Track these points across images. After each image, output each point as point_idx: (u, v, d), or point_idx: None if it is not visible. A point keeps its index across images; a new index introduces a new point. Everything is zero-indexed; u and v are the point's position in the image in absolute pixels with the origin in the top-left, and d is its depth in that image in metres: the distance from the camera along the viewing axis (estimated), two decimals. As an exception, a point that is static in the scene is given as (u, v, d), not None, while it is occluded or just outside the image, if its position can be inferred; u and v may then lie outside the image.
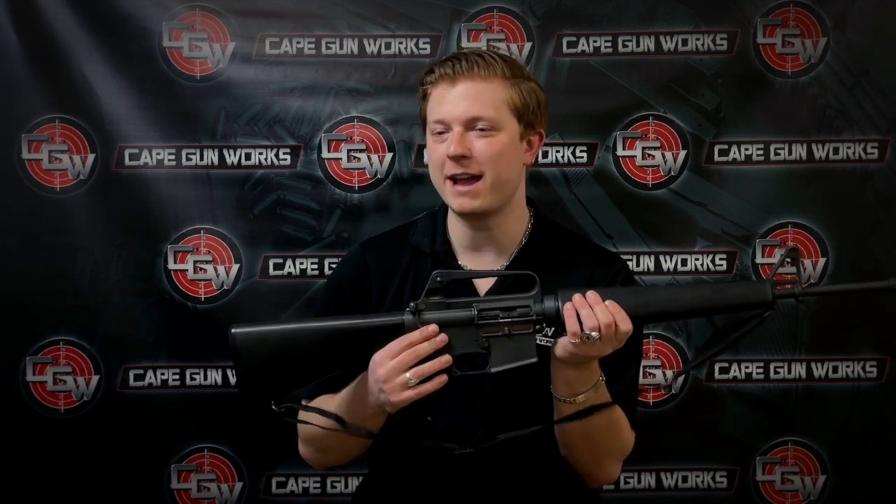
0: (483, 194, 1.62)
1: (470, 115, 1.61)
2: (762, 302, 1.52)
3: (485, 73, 1.62)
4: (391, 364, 1.49)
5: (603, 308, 1.48)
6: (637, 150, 2.51)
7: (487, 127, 1.62)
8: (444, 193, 1.67)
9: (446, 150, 1.61)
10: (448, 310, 1.53)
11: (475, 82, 1.62)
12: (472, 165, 1.61)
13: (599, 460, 1.65)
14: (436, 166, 1.65)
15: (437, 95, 1.65)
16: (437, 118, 1.64)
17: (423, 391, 1.49)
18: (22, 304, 2.49)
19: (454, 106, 1.62)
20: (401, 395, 1.49)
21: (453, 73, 1.63)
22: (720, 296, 1.54)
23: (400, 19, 2.50)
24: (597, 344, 1.47)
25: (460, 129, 1.61)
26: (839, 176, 2.51)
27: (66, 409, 2.51)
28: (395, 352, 1.49)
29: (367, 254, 1.76)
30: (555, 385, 1.56)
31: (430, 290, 1.53)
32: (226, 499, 2.54)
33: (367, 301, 1.71)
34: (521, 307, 1.52)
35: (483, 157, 1.61)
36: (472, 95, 1.62)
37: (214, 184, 2.50)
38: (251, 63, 2.50)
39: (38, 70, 2.46)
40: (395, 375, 1.48)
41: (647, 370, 2.52)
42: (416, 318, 1.52)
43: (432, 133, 1.66)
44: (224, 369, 2.51)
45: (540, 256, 1.69)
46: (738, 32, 2.50)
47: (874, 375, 2.52)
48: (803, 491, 2.54)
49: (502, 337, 1.52)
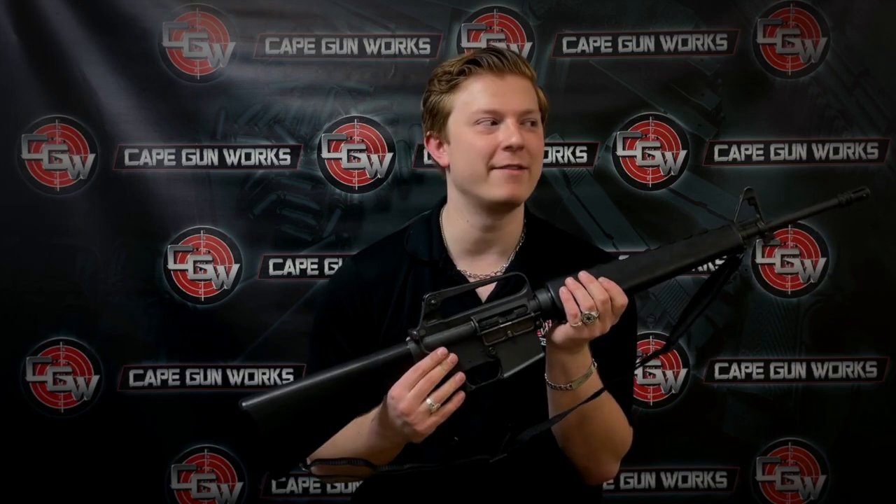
0: (527, 184, 1.64)
1: (524, 108, 1.63)
2: (735, 246, 1.58)
3: (526, 70, 1.66)
4: (410, 395, 1.49)
5: (597, 285, 1.50)
6: (637, 150, 2.51)
7: (535, 121, 1.65)
8: (484, 183, 1.63)
9: (506, 139, 1.61)
10: (449, 329, 1.53)
11: (521, 78, 1.65)
12: (525, 157, 1.63)
13: (595, 454, 1.65)
14: (479, 155, 1.62)
15: (481, 86, 1.63)
16: (490, 108, 1.62)
17: (446, 413, 1.50)
18: (22, 304, 2.49)
19: (509, 98, 1.62)
20: (426, 423, 1.50)
21: (501, 65, 1.63)
22: (696, 249, 1.57)
23: (400, 19, 2.50)
24: (596, 322, 1.49)
25: (514, 119, 1.62)
26: (839, 176, 2.51)
27: (66, 409, 2.51)
28: (411, 382, 1.50)
29: (361, 268, 1.74)
30: (551, 373, 1.57)
31: (426, 315, 1.53)
32: (226, 499, 2.54)
33: (368, 317, 1.70)
34: (518, 308, 1.53)
35: (533, 150, 1.64)
36: (522, 90, 1.64)
37: (214, 184, 2.50)
38: (251, 63, 2.50)
39: (38, 70, 2.47)
40: (417, 405, 1.49)
41: (648, 370, 2.52)
42: (420, 346, 1.52)
43: (475, 123, 1.63)
44: (224, 369, 2.51)
45: (538, 256, 1.69)
46: (738, 32, 2.50)
47: (874, 375, 2.52)
48: (803, 491, 2.54)
49: (506, 341, 1.53)
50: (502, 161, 1.61)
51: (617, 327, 1.56)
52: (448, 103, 1.66)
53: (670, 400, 2.54)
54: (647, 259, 1.57)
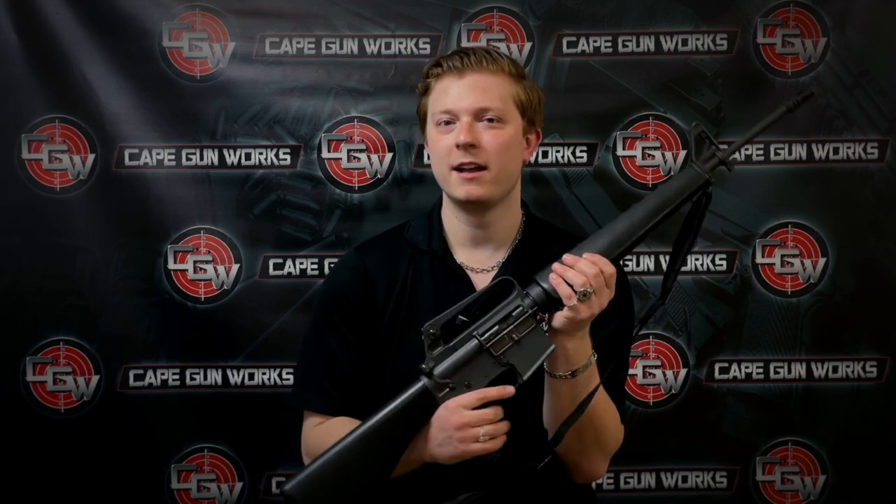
0: (487, 183, 1.64)
1: (479, 106, 1.63)
2: (703, 182, 1.59)
3: (493, 67, 1.65)
4: (470, 415, 1.51)
5: (584, 262, 1.52)
6: (637, 150, 2.51)
7: (495, 118, 1.64)
8: (447, 184, 1.67)
9: (455, 139, 1.62)
10: (456, 352, 1.55)
11: (483, 75, 1.64)
12: (480, 155, 1.63)
13: (587, 450, 1.65)
14: (441, 156, 1.66)
15: (442, 87, 1.66)
16: (445, 108, 1.65)
17: (488, 449, 1.52)
18: (22, 304, 2.49)
19: (463, 97, 1.64)
20: (470, 447, 1.51)
21: (462, 65, 1.64)
22: (666, 197, 1.59)
23: (400, 19, 2.50)
24: (593, 297, 1.50)
25: (469, 118, 1.63)
26: (839, 176, 2.51)
27: (66, 409, 2.51)
28: (470, 404, 1.51)
29: (365, 258, 1.75)
30: (552, 363, 1.57)
31: (430, 346, 1.54)
32: (226, 499, 2.54)
33: (370, 306, 1.70)
34: (514, 310, 1.55)
35: (490, 148, 1.63)
36: (480, 87, 1.64)
37: (214, 184, 2.50)
38: (251, 63, 2.50)
39: (38, 70, 2.47)
40: (472, 426, 1.51)
41: (647, 370, 2.52)
42: (433, 378, 1.53)
43: (437, 124, 1.66)
44: (224, 369, 2.51)
45: (536, 251, 1.69)
46: (738, 32, 2.50)
47: (874, 375, 2.52)
48: (803, 491, 2.54)
49: (514, 346, 1.54)
50: (456, 160, 1.63)
51: (614, 323, 1.56)
52: (423, 106, 1.70)
53: (670, 400, 2.54)
54: (623, 223, 1.59)
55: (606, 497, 2.48)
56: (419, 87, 1.71)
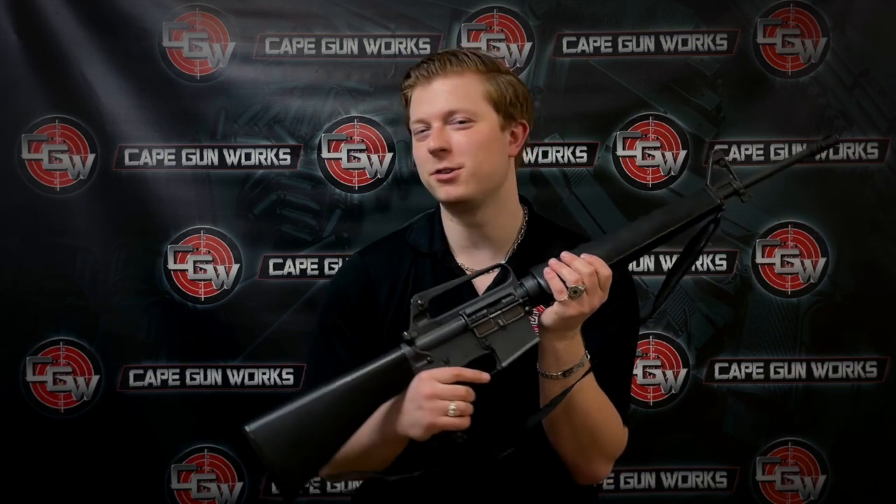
0: (464, 182, 1.64)
1: (446, 110, 1.64)
2: (713, 208, 1.61)
3: (458, 68, 1.65)
4: (442, 388, 1.50)
5: (580, 261, 1.52)
6: (637, 150, 2.51)
7: (464, 119, 1.64)
8: (431, 189, 1.68)
9: (427, 146, 1.64)
10: (440, 327, 1.55)
11: (449, 78, 1.65)
12: (452, 158, 1.63)
13: (584, 451, 1.65)
14: (422, 165, 1.68)
15: (416, 97, 1.67)
16: (417, 118, 1.67)
17: (456, 425, 1.51)
18: (22, 304, 2.49)
19: (431, 104, 1.65)
20: (438, 419, 1.50)
21: (428, 73, 1.65)
22: (675, 215, 1.60)
23: (400, 19, 2.50)
24: (584, 297, 1.50)
25: (439, 124, 1.64)
26: (839, 176, 2.51)
27: (66, 409, 2.51)
28: (444, 378, 1.51)
29: (367, 262, 1.75)
30: (543, 362, 1.57)
31: (415, 316, 1.54)
32: (226, 499, 2.54)
33: (373, 310, 1.71)
34: (505, 297, 1.55)
35: (462, 149, 1.64)
36: (446, 91, 1.64)
37: (214, 184, 2.50)
38: (251, 63, 2.50)
39: (38, 70, 2.47)
40: (442, 399, 1.50)
41: (648, 370, 2.52)
42: (414, 348, 1.53)
43: (415, 133, 1.68)
44: (224, 369, 2.51)
45: (536, 252, 1.69)
46: (738, 32, 2.50)
47: (874, 375, 2.52)
48: (803, 491, 2.54)
49: (499, 331, 1.54)
50: (432, 167, 1.64)
51: (617, 323, 1.56)
52: (406, 117, 1.72)
53: (670, 400, 2.54)
54: (628, 232, 1.59)
55: (606, 497, 2.48)
56: (400, 99, 1.73)
